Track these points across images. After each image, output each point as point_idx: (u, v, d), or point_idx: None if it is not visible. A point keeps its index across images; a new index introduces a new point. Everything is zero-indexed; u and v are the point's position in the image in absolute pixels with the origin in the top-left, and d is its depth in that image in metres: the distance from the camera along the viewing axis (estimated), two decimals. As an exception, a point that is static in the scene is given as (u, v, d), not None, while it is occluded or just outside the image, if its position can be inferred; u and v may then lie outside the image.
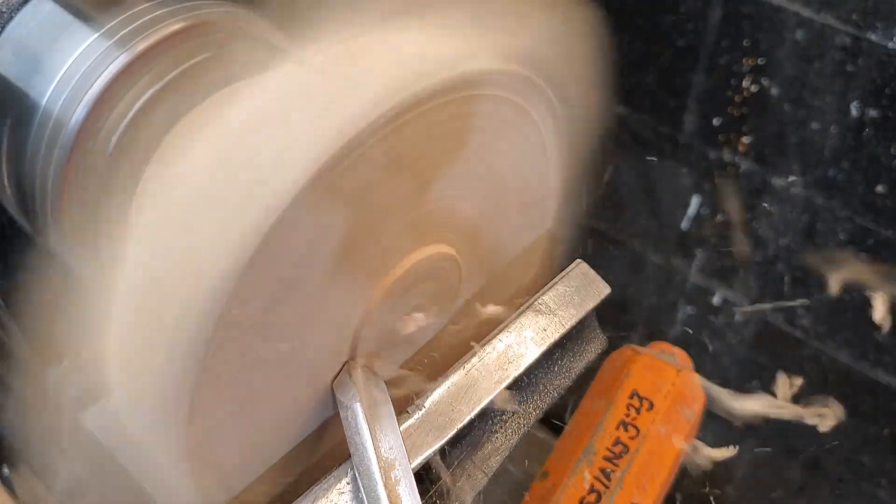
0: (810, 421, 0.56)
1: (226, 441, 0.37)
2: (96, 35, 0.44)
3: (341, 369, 0.40)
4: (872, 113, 0.73)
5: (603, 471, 0.53)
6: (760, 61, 0.77)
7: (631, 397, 0.56)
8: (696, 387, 0.58)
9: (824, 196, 0.80)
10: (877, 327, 0.82)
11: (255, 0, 0.49)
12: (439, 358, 0.46)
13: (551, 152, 0.45)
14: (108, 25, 0.44)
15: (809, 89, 0.76)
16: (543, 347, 0.44)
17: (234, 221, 0.32)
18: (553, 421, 0.56)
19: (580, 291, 0.47)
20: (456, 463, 0.42)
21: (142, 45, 0.43)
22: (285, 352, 0.36)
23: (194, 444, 0.35)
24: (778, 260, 0.87)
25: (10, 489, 0.51)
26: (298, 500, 0.37)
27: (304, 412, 0.40)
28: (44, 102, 0.44)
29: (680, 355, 0.60)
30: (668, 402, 0.56)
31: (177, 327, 0.32)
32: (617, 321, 1.06)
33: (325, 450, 0.43)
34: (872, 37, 0.70)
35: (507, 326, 0.44)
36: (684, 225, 0.93)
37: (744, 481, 1.04)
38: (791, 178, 0.81)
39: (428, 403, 0.41)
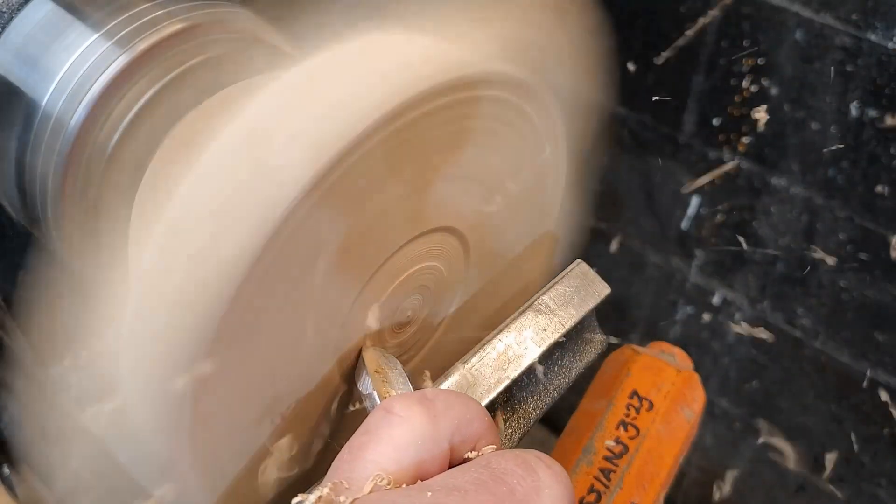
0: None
1: (229, 439, 0.37)
2: (96, 35, 0.44)
3: (357, 359, 0.40)
4: (872, 113, 0.73)
5: (603, 470, 0.53)
6: (760, 61, 0.78)
7: (631, 397, 0.56)
8: (697, 387, 0.58)
9: (824, 196, 0.80)
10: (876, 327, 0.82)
11: (255, 1, 0.49)
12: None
13: (551, 154, 0.45)
14: (109, 26, 0.44)
15: (809, 89, 0.76)
16: (543, 347, 0.44)
17: (236, 223, 0.32)
18: (553, 421, 0.56)
19: (580, 291, 0.47)
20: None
21: (142, 46, 0.43)
22: (289, 350, 0.36)
23: (197, 442, 0.35)
24: (778, 260, 0.87)
25: (11, 489, 0.51)
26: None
27: (309, 413, 0.40)
28: (44, 103, 0.44)
29: (680, 355, 0.60)
30: (668, 402, 0.56)
31: (179, 328, 0.32)
32: (617, 321, 1.07)
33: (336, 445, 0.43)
34: (872, 37, 0.70)
35: (506, 326, 0.44)
36: (684, 225, 0.93)
37: (744, 481, 1.04)
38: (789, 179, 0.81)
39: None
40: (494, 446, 0.33)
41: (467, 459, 0.32)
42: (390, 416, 0.31)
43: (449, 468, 0.32)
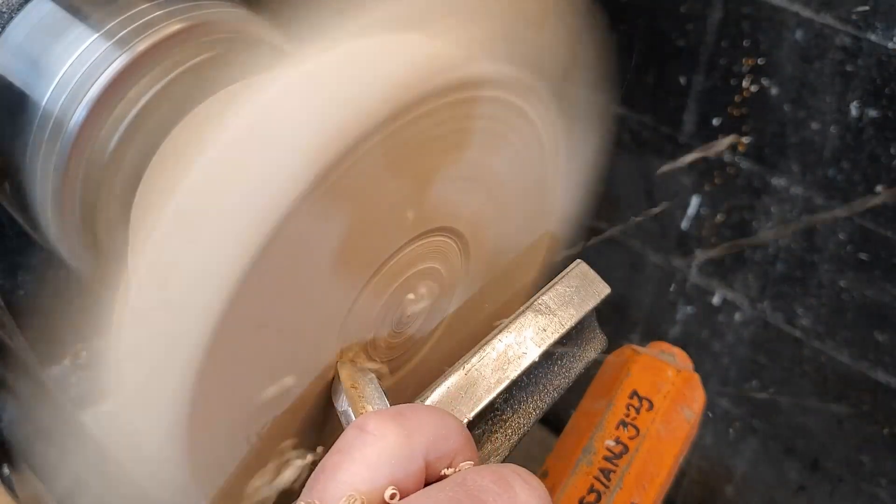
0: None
1: (228, 439, 0.37)
2: (96, 35, 0.44)
3: (335, 375, 0.40)
4: (872, 113, 0.73)
5: (603, 470, 0.53)
6: (760, 61, 0.77)
7: (631, 397, 0.56)
8: (696, 387, 0.58)
9: (824, 196, 0.80)
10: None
11: (255, 0, 0.49)
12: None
13: (551, 154, 0.45)
14: (108, 26, 0.44)
15: (809, 89, 0.76)
16: (543, 347, 0.44)
17: (236, 223, 0.32)
18: (553, 421, 0.56)
19: (580, 291, 0.47)
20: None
21: (142, 46, 0.43)
22: (287, 350, 0.36)
23: (196, 442, 0.35)
24: (777, 260, 0.87)
25: (11, 489, 0.51)
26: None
27: (307, 409, 0.40)
28: (44, 103, 0.44)
29: (680, 355, 0.60)
30: (668, 402, 0.56)
31: (179, 327, 0.32)
32: (617, 321, 1.07)
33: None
34: (872, 37, 0.70)
35: (506, 326, 0.44)
36: (684, 225, 0.93)
37: (744, 481, 1.04)
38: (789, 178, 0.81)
39: (427, 404, 0.41)
40: (472, 462, 0.32)
41: (444, 476, 0.32)
42: (364, 435, 0.31)
43: (425, 485, 0.31)
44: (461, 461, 0.32)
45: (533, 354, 0.44)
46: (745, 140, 0.83)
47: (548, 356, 0.45)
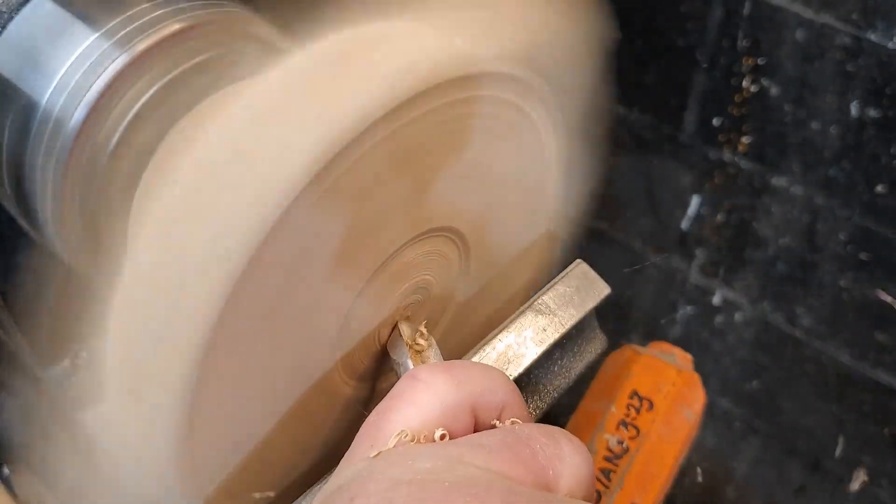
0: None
1: (224, 441, 0.36)
2: (96, 35, 0.44)
3: (392, 331, 0.41)
4: (873, 113, 0.73)
5: (603, 471, 0.53)
6: (760, 61, 0.77)
7: (631, 397, 0.56)
8: (697, 387, 0.58)
9: (824, 196, 0.80)
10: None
11: (255, 1, 0.49)
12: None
13: (551, 153, 0.45)
14: (108, 25, 0.44)
15: (810, 89, 0.76)
16: (543, 347, 0.44)
17: (235, 221, 0.32)
18: (553, 421, 0.56)
19: (580, 291, 0.47)
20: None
21: (142, 45, 0.43)
22: (288, 349, 0.36)
23: (195, 443, 0.35)
24: (778, 260, 0.87)
25: (10, 489, 0.51)
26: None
27: (308, 411, 0.40)
28: (44, 102, 0.44)
29: (680, 355, 0.60)
30: (669, 402, 0.56)
31: (177, 328, 0.32)
32: (617, 321, 1.06)
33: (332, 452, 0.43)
34: (872, 36, 0.70)
35: (506, 326, 0.44)
36: (684, 225, 0.93)
37: (745, 481, 1.04)
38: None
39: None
40: (520, 420, 0.34)
41: (494, 427, 0.33)
42: (415, 383, 0.33)
43: None
44: (509, 415, 0.34)
45: (533, 354, 0.44)
46: (746, 140, 0.83)
47: (548, 356, 0.45)
